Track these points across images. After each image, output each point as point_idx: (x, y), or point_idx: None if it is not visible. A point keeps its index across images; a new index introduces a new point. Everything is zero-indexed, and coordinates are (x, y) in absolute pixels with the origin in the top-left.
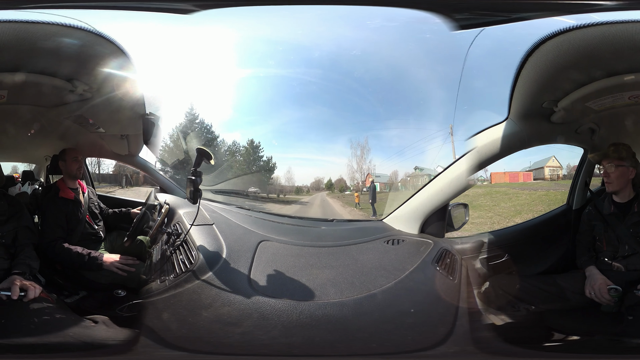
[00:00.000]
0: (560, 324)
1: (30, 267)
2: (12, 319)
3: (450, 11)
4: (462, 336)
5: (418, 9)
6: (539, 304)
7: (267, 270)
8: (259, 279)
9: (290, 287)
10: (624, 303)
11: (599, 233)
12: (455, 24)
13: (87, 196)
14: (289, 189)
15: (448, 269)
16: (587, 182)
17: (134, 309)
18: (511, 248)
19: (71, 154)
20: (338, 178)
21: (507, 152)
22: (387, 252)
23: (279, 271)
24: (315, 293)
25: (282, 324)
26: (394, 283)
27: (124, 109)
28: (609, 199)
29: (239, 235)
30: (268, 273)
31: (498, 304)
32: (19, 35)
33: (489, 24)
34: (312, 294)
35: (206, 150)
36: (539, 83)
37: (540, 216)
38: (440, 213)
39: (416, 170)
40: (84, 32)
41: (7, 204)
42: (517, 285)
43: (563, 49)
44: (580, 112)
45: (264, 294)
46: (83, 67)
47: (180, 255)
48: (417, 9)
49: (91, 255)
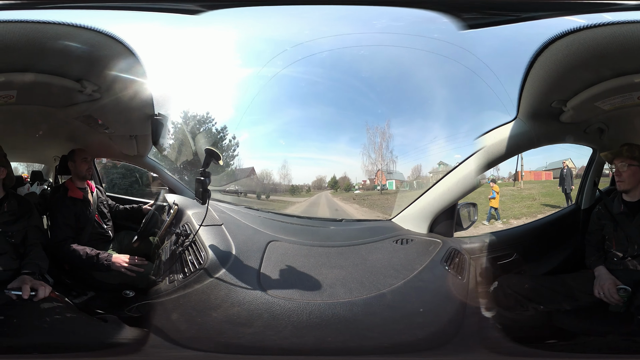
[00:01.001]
0: (569, 324)
1: (39, 267)
2: (23, 319)
3: (459, 11)
4: (470, 335)
5: (426, 9)
6: (547, 304)
7: (277, 270)
8: (269, 279)
9: (299, 287)
10: (634, 303)
11: (609, 232)
12: (463, 24)
13: (96, 196)
14: (283, 188)
15: (457, 269)
16: (595, 181)
17: (143, 309)
18: (520, 247)
19: (80, 154)
20: (342, 176)
21: (516, 152)
22: (396, 252)
23: (288, 271)
24: (324, 293)
25: (292, 324)
26: (403, 283)
27: (133, 109)
28: (619, 198)
29: (248, 235)
30: (277, 273)
31: (506, 304)
32: (30, 35)
33: (498, 23)
34: (321, 294)
35: (215, 150)
36: (548, 82)
37: (549, 216)
38: (449, 212)
39: (440, 166)
40: (93, 33)
41: (16, 204)
42: (526, 285)
43: (573, 48)
44: (589, 112)
45: (273, 294)
46: (92, 67)
47: (189, 255)
48: (425, 8)
49: (100, 255)
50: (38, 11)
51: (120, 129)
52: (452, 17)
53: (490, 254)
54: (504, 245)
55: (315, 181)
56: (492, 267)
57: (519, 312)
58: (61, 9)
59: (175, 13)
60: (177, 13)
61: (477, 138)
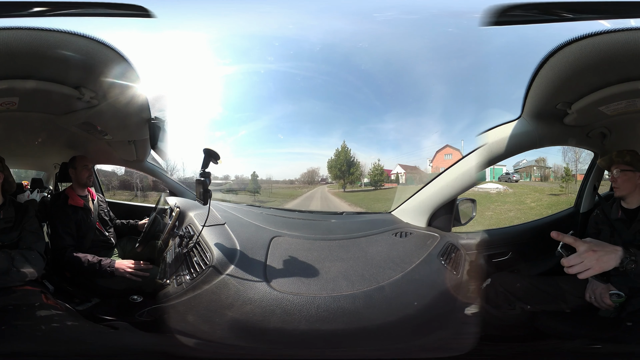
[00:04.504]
0: (549, 326)
1: (12, 260)
2: (20, 327)
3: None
4: (456, 331)
5: None
6: (535, 304)
7: (282, 266)
8: (275, 275)
9: (305, 282)
10: (626, 309)
11: (605, 237)
12: (492, 20)
13: (97, 203)
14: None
15: (452, 263)
16: (595, 186)
17: (155, 314)
18: (515, 246)
19: (82, 161)
20: None
21: (518, 151)
22: (395, 245)
23: (293, 266)
24: (328, 286)
25: (304, 318)
26: (401, 275)
27: (130, 114)
28: (617, 204)
29: (252, 232)
30: (283, 268)
31: (496, 301)
32: (33, 42)
33: (524, 22)
34: (325, 287)
35: (214, 150)
36: (556, 84)
37: (547, 217)
38: (448, 207)
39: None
40: (87, 40)
41: (14, 211)
42: (518, 284)
43: (586, 52)
44: (593, 116)
45: (281, 290)
46: (89, 74)
47: (194, 256)
48: None
49: (102, 262)
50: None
51: (118, 134)
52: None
53: (486, 251)
54: (500, 243)
55: (307, 173)
56: (487, 264)
57: (505, 311)
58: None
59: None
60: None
61: (479, 135)
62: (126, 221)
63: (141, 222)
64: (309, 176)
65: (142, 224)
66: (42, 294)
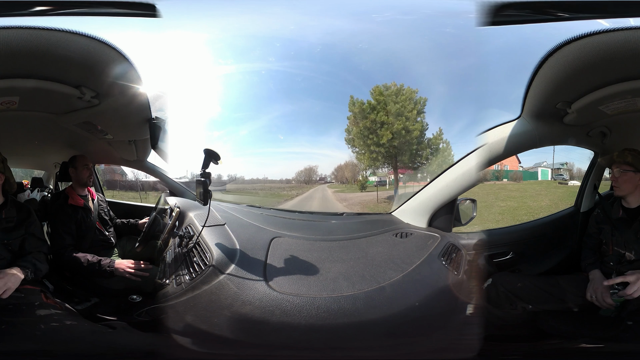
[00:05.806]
0: (551, 325)
1: (35, 266)
2: (17, 326)
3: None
4: (458, 331)
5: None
6: (537, 304)
7: (282, 266)
8: (275, 276)
9: (305, 282)
10: (627, 308)
11: (606, 237)
12: (488, 20)
13: (97, 203)
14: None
15: (453, 264)
16: (595, 185)
17: (154, 313)
18: (516, 246)
19: (82, 161)
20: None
21: (518, 151)
22: (395, 245)
23: (293, 266)
24: (329, 287)
25: (304, 318)
26: (401, 276)
27: (131, 114)
28: (618, 203)
29: (252, 233)
30: (283, 269)
31: (497, 301)
32: (33, 41)
33: (519, 22)
34: (326, 287)
35: (214, 151)
36: (556, 84)
37: (548, 216)
38: (449, 207)
39: None
40: (88, 39)
41: (15, 211)
42: (519, 284)
43: (585, 51)
44: (593, 115)
45: (281, 291)
46: (90, 73)
47: (194, 257)
48: None
49: (102, 262)
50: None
51: (119, 134)
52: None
53: (487, 251)
54: (501, 243)
55: (304, 171)
56: (488, 264)
57: (507, 311)
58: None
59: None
60: None
61: (479, 135)
62: (126, 220)
63: (141, 222)
64: (305, 175)
65: (142, 223)
66: (41, 293)
